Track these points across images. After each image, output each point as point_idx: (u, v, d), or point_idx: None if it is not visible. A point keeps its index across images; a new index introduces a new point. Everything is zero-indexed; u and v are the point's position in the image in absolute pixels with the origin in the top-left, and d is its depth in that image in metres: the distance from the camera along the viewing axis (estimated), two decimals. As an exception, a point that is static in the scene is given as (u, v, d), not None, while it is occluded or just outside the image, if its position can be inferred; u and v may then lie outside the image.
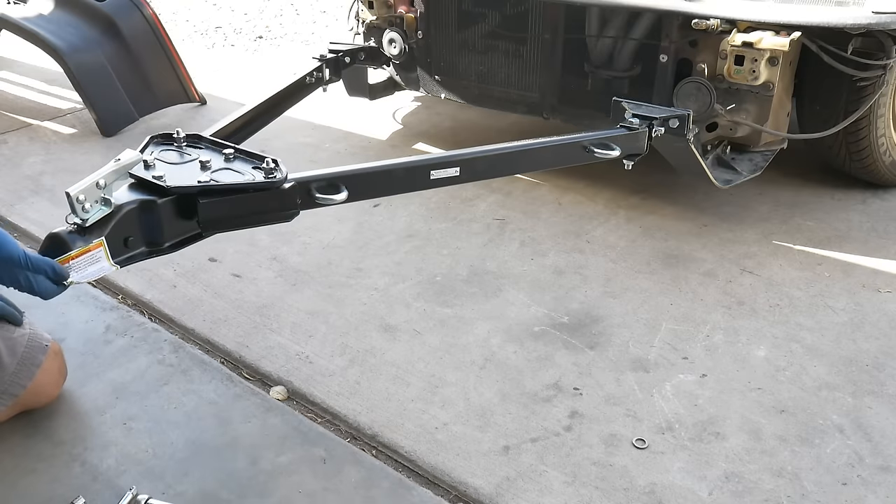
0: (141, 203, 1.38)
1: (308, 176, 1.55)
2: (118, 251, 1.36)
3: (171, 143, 1.56)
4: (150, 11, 3.38)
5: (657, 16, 2.36)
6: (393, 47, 2.85)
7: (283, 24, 5.00)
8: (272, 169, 1.49)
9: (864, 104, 2.33)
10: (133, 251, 1.39)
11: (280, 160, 1.50)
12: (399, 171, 1.70)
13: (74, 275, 1.30)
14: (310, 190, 1.55)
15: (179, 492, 1.51)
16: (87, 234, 1.31)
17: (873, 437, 1.64)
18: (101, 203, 1.32)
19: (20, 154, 3.04)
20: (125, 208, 1.36)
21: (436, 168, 1.71)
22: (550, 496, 1.51)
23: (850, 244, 2.35)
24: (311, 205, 1.56)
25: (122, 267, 1.37)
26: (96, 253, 1.31)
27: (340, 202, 1.59)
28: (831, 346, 1.92)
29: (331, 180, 1.58)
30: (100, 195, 1.32)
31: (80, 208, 1.29)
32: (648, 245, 2.37)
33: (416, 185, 1.77)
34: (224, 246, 2.38)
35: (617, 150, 1.96)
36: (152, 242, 1.42)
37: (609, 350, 1.92)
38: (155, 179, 1.40)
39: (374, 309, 2.08)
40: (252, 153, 1.54)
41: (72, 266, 1.30)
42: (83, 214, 1.29)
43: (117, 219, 1.34)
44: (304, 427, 1.68)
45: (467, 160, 1.76)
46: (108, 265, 1.33)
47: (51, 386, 1.70)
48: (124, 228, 1.36)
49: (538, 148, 1.92)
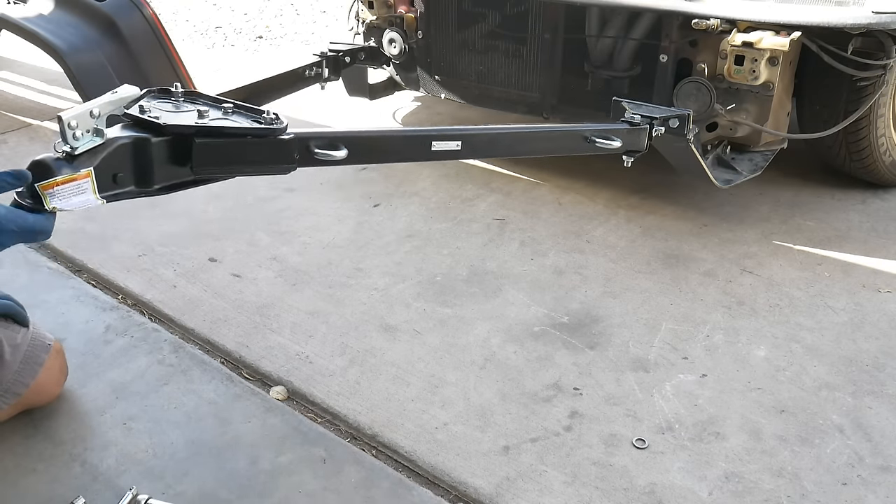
0: (134, 139, 1.34)
1: (308, 132, 1.54)
2: (106, 186, 1.32)
3: (168, 97, 1.51)
4: (150, 11, 3.37)
5: (657, 16, 2.36)
6: (393, 47, 2.85)
7: (283, 24, 5.00)
8: (272, 120, 1.47)
9: (864, 104, 2.33)
10: (121, 188, 1.35)
11: (280, 114, 1.49)
12: (400, 139, 1.69)
13: (58, 201, 1.25)
14: (308, 146, 1.52)
15: (179, 492, 1.51)
16: (75, 162, 1.27)
17: (873, 437, 1.64)
18: (92, 133, 1.28)
19: (20, 154, 3.04)
20: (118, 142, 1.32)
21: (438, 140, 1.70)
22: (550, 496, 1.51)
23: (850, 244, 2.35)
24: (309, 161, 1.53)
25: (107, 202, 1.32)
26: (83, 183, 1.26)
27: (339, 160, 1.55)
28: (831, 346, 1.92)
29: (331, 139, 1.56)
30: (92, 124, 1.27)
31: (71, 135, 1.24)
32: (648, 245, 2.37)
33: (417, 154, 1.76)
34: (224, 246, 2.38)
35: (618, 141, 1.95)
36: (142, 182, 1.38)
37: (609, 350, 1.92)
38: (151, 118, 1.37)
39: (374, 309, 2.08)
40: (251, 107, 1.50)
41: (55, 192, 1.24)
42: (73, 142, 1.25)
43: (108, 151, 1.30)
44: (304, 427, 1.68)
45: (469, 135, 1.75)
46: (94, 198, 1.29)
47: (53, 385, 1.70)
48: (115, 163, 1.32)
49: (540, 132, 1.92)
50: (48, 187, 1.24)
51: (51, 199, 1.25)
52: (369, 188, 2.74)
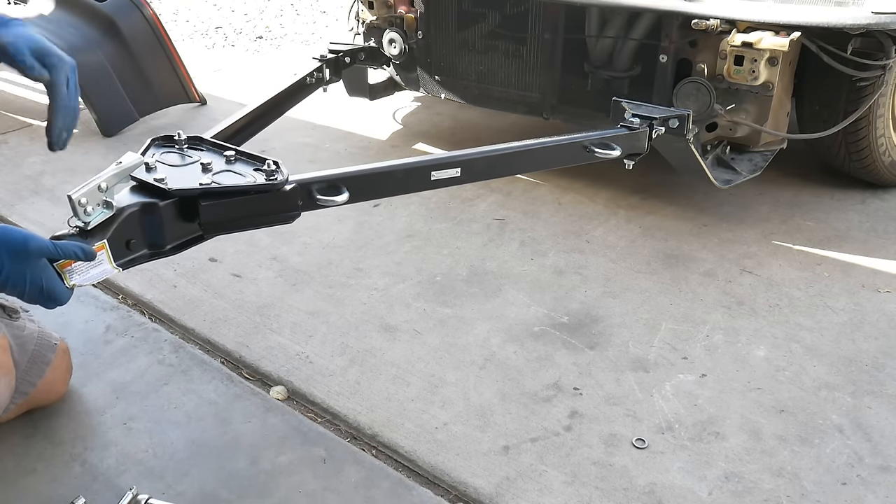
0: (143, 206, 1.38)
1: (309, 178, 1.55)
2: (120, 253, 1.36)
3: (172, 145, 1.56)
4: (150, 11, 3.38)
5: (657, 16, 2.36)
6: (393, 47, 2.85)
7: (283, 25, 5.00)
8: (273, 171, 1.49)
9: (863, 104, 2.33)
10: (135, 253, 1.40)
11: (281, 162, 1.51)
12: (400, 173, 1.71)
13: (77, 277, 1.31)
14: (311, 191, 1.55)
15: (179, 492, 1.51)
16: (88, 237, 1.31)
17: (873, 437, 1.64)
18: (102, 206, 1.32)
19: (20, 154, 3.04)
20: (127, 211, 1.36)
21: (437, 169, 1.71)
22: (550, 496, 1.51)
23: (849, 244, 2.35)
24: (312, 206, 1.57)
25: (124, 269, 1.37)
26: (99, 256, 1.31)
27: (342, 203, 1.59)
28: (831, 346, 1.92)
29: (332, 182, 1.58)
30: (101, 198, 1.32)
31: (82, 212, 1.29)
32: (648, 245, 2.37)
33: (417, 185, 1.77)
34: (224, 246, 2.38)
35: (617, 149, 1.96)
36: (154, 244, 1.42)
37: (609, 350, 1.92)
38: (157, 182, 1.41)
39: (374, 309, 2.08)
40: (253, 155, 1.54)
41: (73, 269, 1.30)
42: (85, 218, 1.29)
43: (119, 221, 1.34)
44: (304, 427, 1.68)
45: (468, 161, 1.76)
46: (111, 268, 1.34)
47: (59, 384, 1.71)
48: (126, 231, 1.36)
49: (538, 148, 1.92)
50: (66, 265, 1.29)
51: (70, 277, 1.31)
52: (369, 188, 2.74)
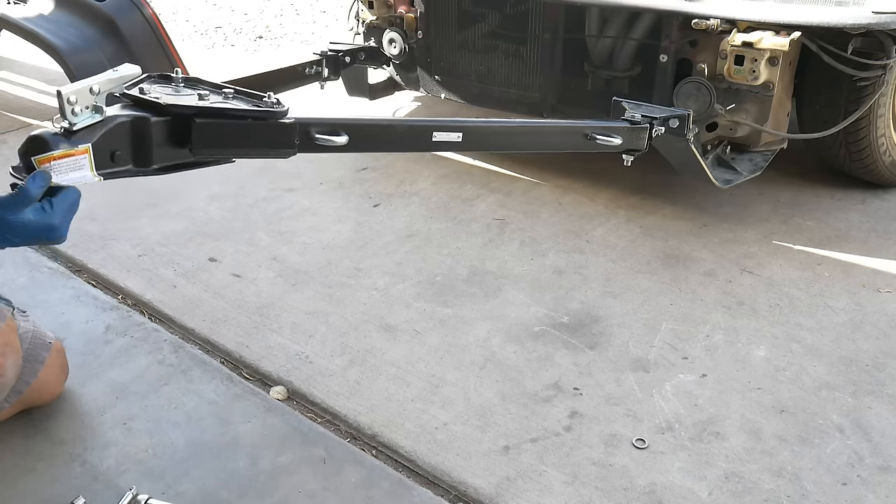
0: (134, 118, 1.34)
1: (309, 117, 1.53)
2: (103, 164, 1.31)
3: (168, 81, 1.50)
4: (150, 11, 3.37)
5: (657, 16, 2.36)
6: (393, 47, 2.85)
7: (283, 24, 5.00)
8: (273, 104, 1.46)
9: (863, 104, 2.33)
10: (119, 167, 1.34)
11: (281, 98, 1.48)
12: (401, 128, 1.70)
13: (55, 176, 1.25)
14: (309, 131, 1.52)
15: (179, 492, 1.51)
16: (73, 138, 1.26)
17: (873, 437, 1.64)
18: (92, 110, 1.27)
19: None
20: (117, 119, 1.31)
21: (439, 130, 1.70)
22: (550, 496, 1.51)
23: (849, 244, 2.35)
24: (310, 146, 1.52)
25: (104, 179, 1.32)
26: (80, 159, 1.26)
27: (339, 146, 1.55)
28: (831, 346, 1.92)
29: (332, 125, 1.56)
30: (92, 101, 1.27)
31: (70, 111, 1.23)
32: (648, 245, 2.37)
33: (418, 144, 1.77)
34: (224, 246, 2.38)
35: (618, 139, 1.95)
36: (140, 161, 1.37)
37: (609, 350, 1.92)
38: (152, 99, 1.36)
39: (374, 309, 2.08)
40: (252, 92, 1.50)
41: (52, 167, 1.24)
42: (72, 118, 1.24)
43: (107, 129, 1.29)
44: (304, 427, 1.68)
45: (470, 127, 1.76)
46: (91, 174, 1.28)
47: (54, 383, 1.71)
48: (113, 141, 1.31)
49: (540, 128, 1.93)
50: (45, 161, 1.23)
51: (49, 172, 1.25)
52: (369, 188, 2.75)
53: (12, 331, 1.55)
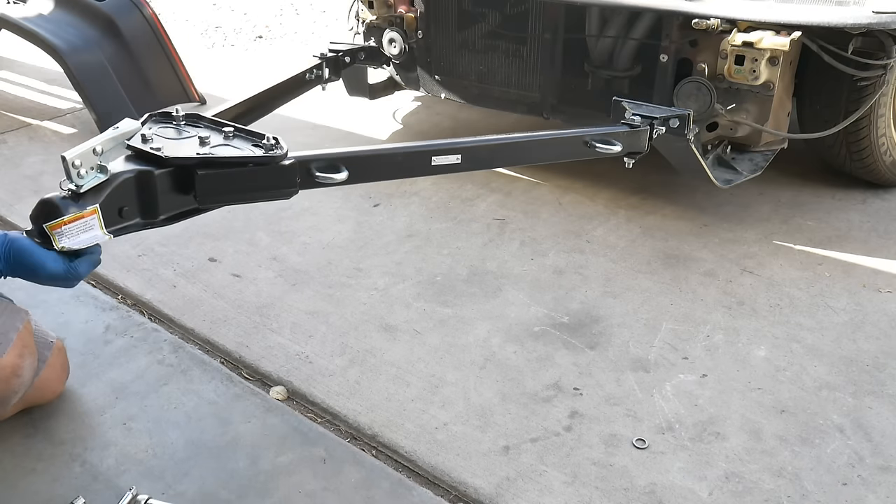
0: (138, 173, 1.35)
1: (309, 155, 1.53)
2: (112, 220, 1.33)
3: (169, 120, 1.52)
4: (150, 11, 3.37)
5: (657, 16, 2.36)
6: (393, 47, 2.85)
7: (282, 24, 5.00)
8: (272, 146, 1.47)
9: (864, 104, 2.33)
10: (127, 222, 1.37)
11: (281, 138, 1.49)
12: (400, 156, 1.69)
13: (66, 241, 1.28)
14: (310, 169, 1.53)
15: (179, 492, 1.51)
16: (81, 200, 1.28)
17: (873, 437, 1.64)
18: (96, 170, 1.29)
19: (20, 154, 3.04)
20: (121, 177, 1.33)
21: (437, 154, 1.70)
22: (550, 496, 1.51)
23: (850, 244, 2.35)
24: (311, 184, 1.54)
25: (115, 236, 1.34)
26: (90, 220, 1.28)
27: (340, 182, 1.56)
28: (831, 346, 1.92)
29: (331, 160, 1.56)
30: (96, 161, 1.29)
31: (76, 174, 1.26)
32: (648, 245, 2.37)
33: (417, 170, 1.76)
34: (224, 246, 2.38)
35: (618, 145, 1.95)
36: (147, 214, 1.39)
37: (609, 350, 1.91)
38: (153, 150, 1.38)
39: (374, 309, 2.08)
40: (252, 131, 1.51)
41: (63, 232, 1.27)
42: (78, 180, 1.26)
43: (113, 187, 1.31)
44: (304, 427, 1.68)
45: (469, 148, 1.76)
46: (102, 233, 1.31)
47: (55, 382, 1.71)
48: (119, 198, 1.33)
49: (540, 140, 1.92)
50: (56, 227, 1.27)
51: (59, 239, 1.28)
52: (369, 188, 2.74)
53: (30, 333, 1.56)
